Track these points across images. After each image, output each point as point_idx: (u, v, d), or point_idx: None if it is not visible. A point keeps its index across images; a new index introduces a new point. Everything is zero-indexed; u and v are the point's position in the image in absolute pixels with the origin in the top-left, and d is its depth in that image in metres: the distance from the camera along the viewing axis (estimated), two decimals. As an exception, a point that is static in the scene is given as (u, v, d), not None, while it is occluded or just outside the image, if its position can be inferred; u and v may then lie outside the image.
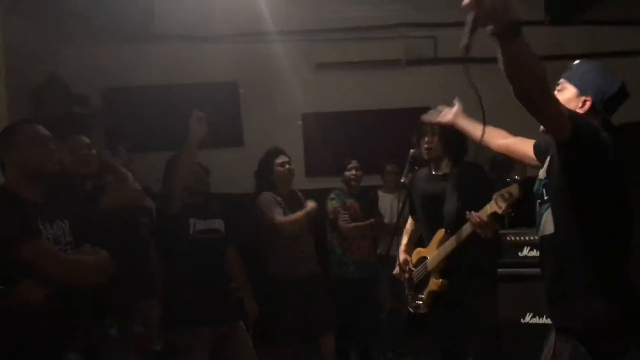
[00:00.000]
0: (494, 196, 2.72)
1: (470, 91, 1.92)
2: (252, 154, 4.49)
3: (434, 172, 3.10)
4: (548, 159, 1.98)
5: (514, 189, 2.71)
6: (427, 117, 2.81)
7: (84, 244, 2.42)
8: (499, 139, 2.45)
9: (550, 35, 5.76)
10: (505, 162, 4.54)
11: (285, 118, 5.71)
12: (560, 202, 1.90)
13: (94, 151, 3.00)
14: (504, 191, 2.72)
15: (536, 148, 2.24)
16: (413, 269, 3.11)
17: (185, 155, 3.24)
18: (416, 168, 3.03)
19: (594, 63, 2.05)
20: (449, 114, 2.69)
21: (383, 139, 5.46)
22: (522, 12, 5.31)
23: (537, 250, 3.75)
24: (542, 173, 2.02)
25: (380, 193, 5.08)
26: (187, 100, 5.45)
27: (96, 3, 4.81)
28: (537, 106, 1.69)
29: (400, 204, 3.10)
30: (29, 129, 2.44)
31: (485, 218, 2.72)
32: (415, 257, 3.13)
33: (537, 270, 2.05)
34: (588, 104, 1.93)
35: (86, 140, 3.05)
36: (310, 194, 4.54)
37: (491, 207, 2.71)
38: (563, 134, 1.75)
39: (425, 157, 3.05)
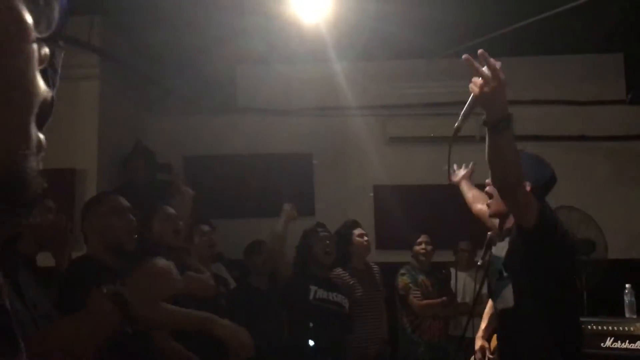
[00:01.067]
0: None
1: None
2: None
3: None
4: (507, 240, 2.18)
5: None
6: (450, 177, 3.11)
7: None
8: (477, 205, 2.78)
9: (630, 114, 5.65)
10: (585, 244, 4.40)
11: (357, 189, 5.76)
12: (522, 279, 2.09)
13: (181, 222, 3.08)
14: None
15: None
16: (491, 356, 2.99)
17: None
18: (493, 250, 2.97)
19: (530, 153, 2.29)
20: (459, 175, 3.12)
21: (456, 215, 5.38)
22: (603, 91, 5.32)
23: (621, 342, 3.55)
24: (498, 251, 2.23)
25: (452, 271, 4.98)
26: (264, 169, 5.64)
27: (183, 76, 5.13)
28: (511, 192, 1.91)
29: (478, 285, 3.02)
30: (111, 201, 2.57)
31: None
32: (494, 343, 3.01)
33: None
34: (528, 189, 2.08)
35: (172, 210, 3.13)
36: (381, 268, 4.52)
37: None
38: (528, 220, 1.93)
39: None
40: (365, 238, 4.18)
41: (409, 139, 5.74)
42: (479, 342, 3.09)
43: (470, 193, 2.90)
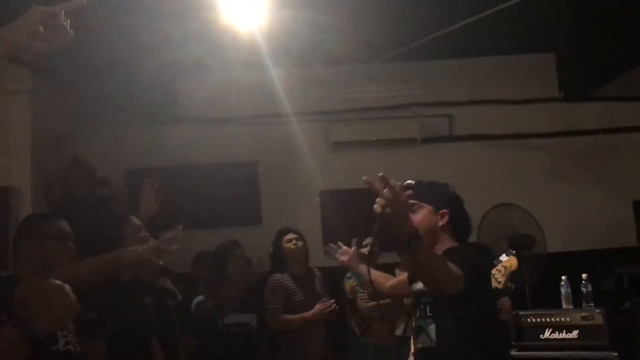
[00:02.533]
0: (492, 272, 2.71)
1: (481, 167, 2.15)
2: (271, 232, 4.52)
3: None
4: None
5: (510, 261, 2.72)
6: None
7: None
8: (385, 284, 2.80)
9: (564, 111, 5.86)
10: (526, 239, 4.52)
11: (303, 195, 5.77)
12: (447, 322, 2.10)
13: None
14: (500, 265, 2.72)
15: (409, 277, 2.53)
16: None
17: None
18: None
19: (434, 182, 2.37)
20: (345, 255, 3.08)
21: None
22: (537, 90, 5.47)
23: (559, 332, 3.66)
24: (419, 288, 2.22)
25: (397, 271, 5.02)
26: (208, 179, 5.58)
27: (118, 87, 5.02)
28: (443, 287, 1.93)
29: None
30: (53, 225, 2.43)
31: None
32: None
33: (561, 353, 2.12)
34: (446, 216, 2.20)
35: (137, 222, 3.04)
36: (328, 272, 4.53)
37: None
38: (457, 289, 1.93)
39: None
40: (295, 242, 4.18)
41: (352, 143, 5.79)
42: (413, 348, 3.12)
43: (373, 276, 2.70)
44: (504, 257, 3.01)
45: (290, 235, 4.21)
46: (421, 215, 2.20)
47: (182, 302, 4.22)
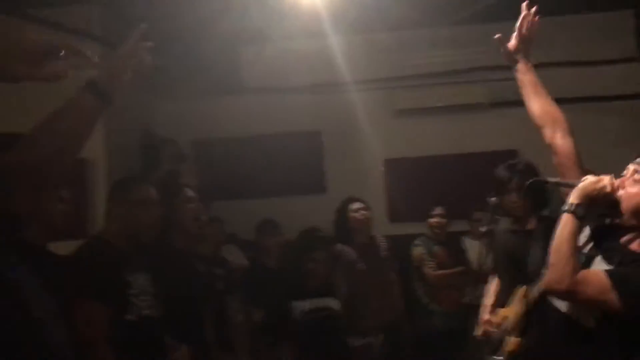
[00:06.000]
0: None
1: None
2: (335, 201, 4.53)
3: (517, 228, 2.98)
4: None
5: None
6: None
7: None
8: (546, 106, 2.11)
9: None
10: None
11: (367, 164, 5.73)
12: None
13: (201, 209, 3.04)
14: None
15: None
16: (494, 330, 2.97)
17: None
18: (497, 218, 2.94)
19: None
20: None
21: (469, 183, 5.35)
22: (612, 49, 5.13)
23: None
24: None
25: (467, 240, 4.95)
26: (273, 149, 5.63)
27: (182, 58, 5.08)
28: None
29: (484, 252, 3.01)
30: (141, 190, 2.55)
31: None
32: (498, 317, 2.99)
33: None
34: None
35: (192, 193, 3.08)
36: (395, 240, 4.52)
37: None
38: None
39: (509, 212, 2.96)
40: (363, 212, 4.15)
41: (416, 110, 5.67)
42: (485, 317, 3.06)
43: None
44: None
45: (358, 205, 4.19)
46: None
47: (250, 271, 4.30)
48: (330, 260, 3.87)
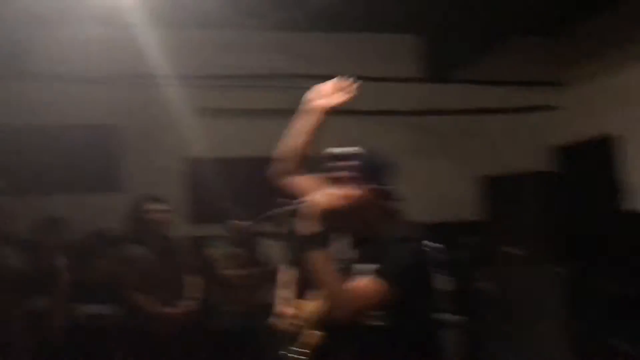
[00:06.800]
0: None
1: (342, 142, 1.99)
2: (131, 200, 4.30)
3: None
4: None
5: None
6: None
7: None
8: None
9: (425, 91, 6.12)
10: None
11: (170, 163, 5.54)
12: None
13: None
14: None
15: None
16: (292, 322, 3.01)
17: None
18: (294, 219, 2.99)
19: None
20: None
21: (269, 186, 5.44)
22: (397, 68, 5.55)
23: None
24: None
25: (266, 241, 5.02)
26: (59, 142, 5.19)
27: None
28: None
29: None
30: None
31: None
32: (296, 309, 3.03)
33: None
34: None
35: None
36: (196, 242, 4.42)
37: None
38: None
39: None
40: (159, 211, 4.02)
41: (222, 111, 5.63)
42: (279, 309, 3.08)
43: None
44: None
45: (153, 204, 4.01)
46: None
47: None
48: (118, 262, 3.67)
